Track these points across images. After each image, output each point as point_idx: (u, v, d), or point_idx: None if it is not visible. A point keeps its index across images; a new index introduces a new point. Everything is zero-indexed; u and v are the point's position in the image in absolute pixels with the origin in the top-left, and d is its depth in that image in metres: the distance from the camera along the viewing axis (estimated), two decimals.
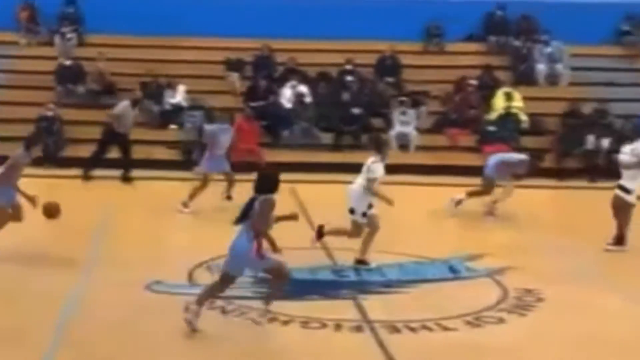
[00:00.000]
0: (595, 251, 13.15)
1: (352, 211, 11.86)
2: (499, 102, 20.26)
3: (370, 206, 11.82)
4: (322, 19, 21.61)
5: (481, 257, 12.39)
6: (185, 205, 14.96)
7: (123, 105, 18.14)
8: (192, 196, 15.02)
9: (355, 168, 18.81)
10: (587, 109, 20.18)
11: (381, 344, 9.07)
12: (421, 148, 19.61)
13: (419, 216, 15.25)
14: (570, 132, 19.41)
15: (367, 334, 9.39)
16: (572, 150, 19.30)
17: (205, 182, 15.20)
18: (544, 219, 15.83)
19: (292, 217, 9.72)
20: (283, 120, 19.92)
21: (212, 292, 9.48)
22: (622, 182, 13.16)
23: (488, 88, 20.75)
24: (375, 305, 10.31)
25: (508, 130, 19.57)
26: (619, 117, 19.98)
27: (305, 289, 10.88)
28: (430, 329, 9.55)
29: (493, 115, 20.11)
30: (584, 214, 16.12)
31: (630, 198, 13.05)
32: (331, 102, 20.57)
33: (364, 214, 11.79)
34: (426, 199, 16.61)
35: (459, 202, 15.13)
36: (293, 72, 21.09)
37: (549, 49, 21.91)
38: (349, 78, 21.04)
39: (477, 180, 16.01)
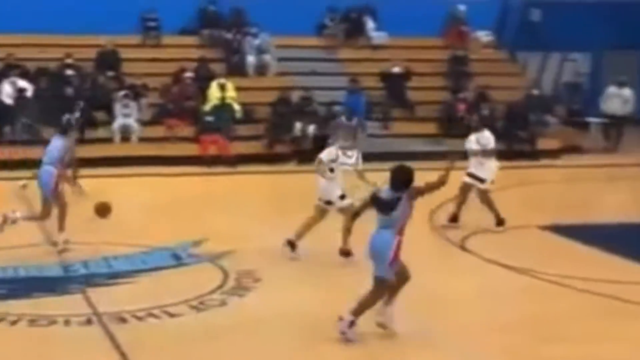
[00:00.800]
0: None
1: (329, 203, 11.78)
2: (213, 93, 20.45)
3: (342, 197, 11.74)
4: (40, 13, 20.87)
5: (202, 243, 12.50)
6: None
7: None
8: None
9: (85, 162, 18.35)
10: (295, 97, 20.78)
11: (110, 335, 9.04)
12: (143, 139, 19.49)
13: (144, 206, 15.21)
14: (280, 120, 19.92)
15: (96, 326, 9.31)
16: (282, 136, 19.85)
17: None
18: (259, 202, 16.23)
19: None
20: (4, 117, 19.15)
21: (371, 303, 8.99)
22: (471, 169, 13.50)
23: (204, 80, 20.88)
24: (103, 298, 10.21)
25: (223, 120, 19.84)
26: (322, 105, 20.70)
27: (33, 286, 10.64)
28: (156, 316, 9.58)
29: (209, 106, 20.30)
30: (295, 195, 16.64)
31: (481, 184, 13.46)
32: (53, 97, 19.98)
33: (342, 197, 11.71)
34: (149, 189, 16.59)
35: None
36: (12, 67, 20.27)
37: (257, 41, 22.30)
38: (70, 72, 20.51)
39: (196, 169, 16.06)
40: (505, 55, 24.45)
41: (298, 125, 19.83)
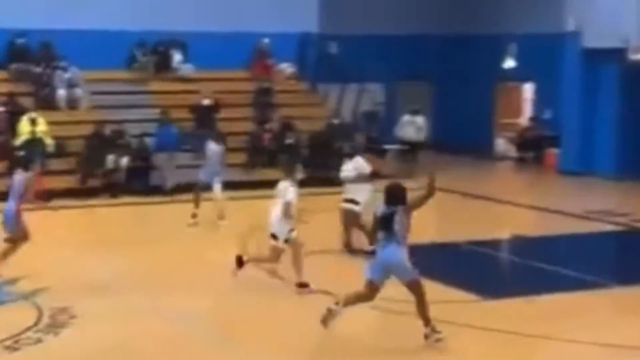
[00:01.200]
0: (125, 261, 13.37)
1: (274, 237, 11.55)
2: (24, 128, 19.80)
3: (291, 230, 11.62)
4: None
5: (17, 281, 12.12)
6: None
7: None
8: None
9: None
10: (107, 130, 20.37)
11: None
12: None
13: None
14: (93, 153, 19.50)
15: None
16: (94, 170, 19.43)
17: None
18: (73, 237, 15.83)
19: None
20: None
21: (358, 301, 9.64)
22: (349, 195, 13.98)
23: (14, 114, 20.17)
24: None
25: (36, 154, 19.18)
26: (134, 137, 20.43)
27: None
28: None
29: (19, 141, 19.62)
30: (109, 229, 16.35)
31: (358, 208, 13.86)
32: None
33: (286, 240, 11.53)
34: None
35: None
36: None
37: (67, 75, 21.74)
38: None
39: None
40: (307, 87, 24.90)
41: (110, 158, 19.48)
